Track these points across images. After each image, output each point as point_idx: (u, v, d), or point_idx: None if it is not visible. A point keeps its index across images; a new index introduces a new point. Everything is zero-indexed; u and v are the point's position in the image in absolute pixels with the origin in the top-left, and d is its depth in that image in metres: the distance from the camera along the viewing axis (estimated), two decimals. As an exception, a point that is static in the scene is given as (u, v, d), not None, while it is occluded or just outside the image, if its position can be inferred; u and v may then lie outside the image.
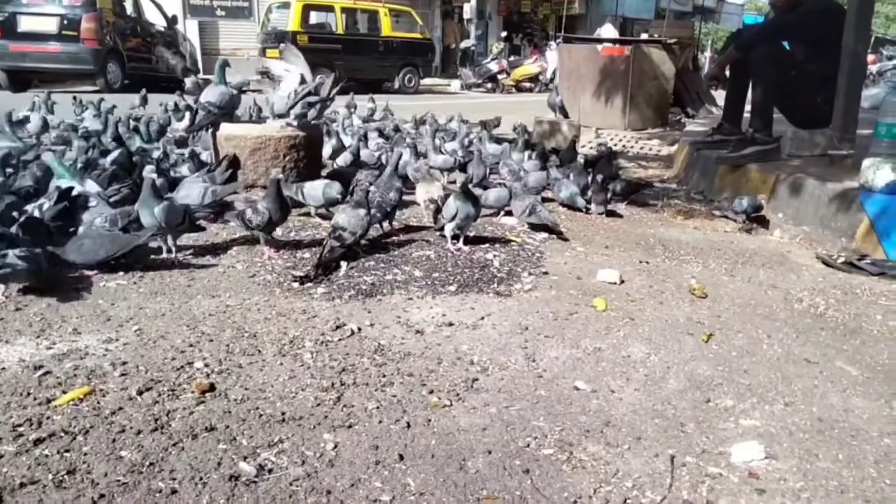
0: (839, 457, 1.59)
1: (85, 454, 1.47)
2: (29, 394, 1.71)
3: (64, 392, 1.72)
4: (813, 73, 4.45)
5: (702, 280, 2.81)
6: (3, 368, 1.84)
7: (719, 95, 6.52)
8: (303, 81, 3.76)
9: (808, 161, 4.32)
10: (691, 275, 2.88)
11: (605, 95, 8.26)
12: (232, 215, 2.99)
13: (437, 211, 3.44)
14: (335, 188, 3.25)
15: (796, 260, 3.21)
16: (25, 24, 10.98)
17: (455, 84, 18.45)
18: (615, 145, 7.22)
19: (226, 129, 3.75)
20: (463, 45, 20.26)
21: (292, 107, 3.62)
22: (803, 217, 3.69)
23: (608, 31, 6.48)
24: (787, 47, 4.76)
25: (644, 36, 10.44)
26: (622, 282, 2.72)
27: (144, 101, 7.22)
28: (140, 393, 1.74)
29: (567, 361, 2.01)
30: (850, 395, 1.89)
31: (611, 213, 3.98)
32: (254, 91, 7.57)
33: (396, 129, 5.97)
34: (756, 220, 3.89)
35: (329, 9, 14.94)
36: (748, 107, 5.00)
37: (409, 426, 1.63)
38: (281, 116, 3.72)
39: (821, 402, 1.85)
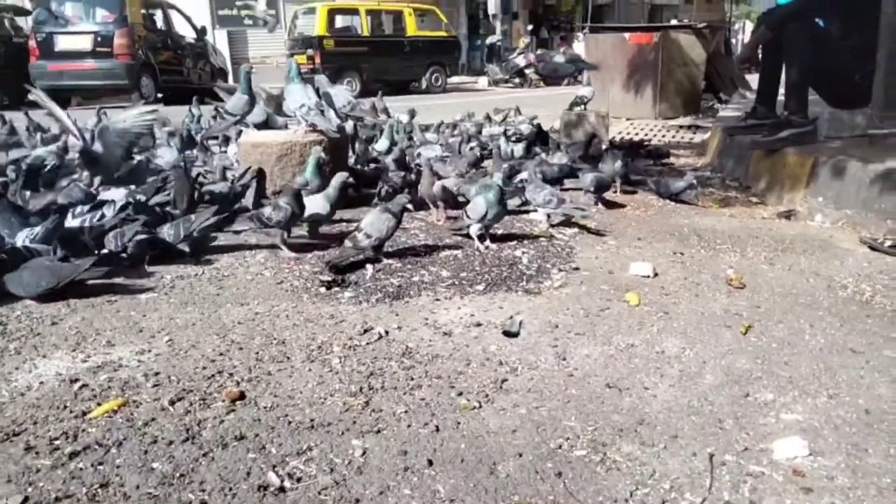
0: (890, 451, 1.51)
1: (118, 466, 1.48)
2: (65, 407, 1.74)
3: (99, 404, 1.74)
4: (850, 49, 4.30)
5: (739, 270, 2.72)
6: (42, 382, 1.87)
7: (753, 80, 6.37)
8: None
9: (848, 142, 4.16)
10: (728, 265, 2.80)
11: (635, 85, 8.14)
12: (244, 219, 2.97)
13: (453, 205, 3.40)
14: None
15: (839, 245, 3.10)
16: (62, 44, 11.32)
17: (482, 81, 18.39)
18: (646, 135, 7.11)
19: (252, 136, 3.79)
20: (489, 40, 20.17)
21: None
22: (845, 200, 3.56)
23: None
24: (822, 24, 4.60)
25: (673, 22, 10.26)
26: (656, 275, 2.66)
27: None
28: (172, 403, 1.74)
29: (599, 359, 1.96)
30: (899, 386, 1.80)
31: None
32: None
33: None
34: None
35: (354, 12, 15.05)
36: (783, 89, 4.86)
37: (438, 430, 1.61)
38: None
39: (868, 393, 1.76)
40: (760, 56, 4.97)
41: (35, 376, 1.91)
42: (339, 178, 3.09)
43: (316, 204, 3.02)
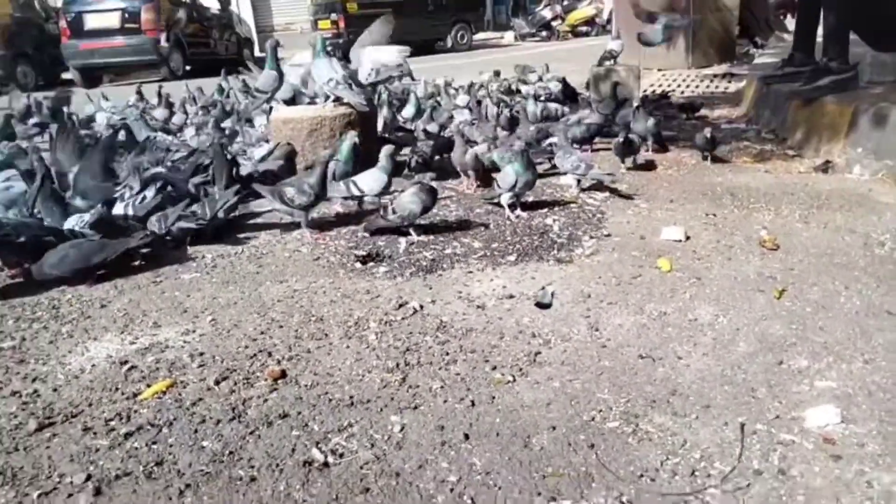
0: (925, 416, 1.51)
1: (170, 445, 1.57)
2: (117, 388, 1.83)
3: (148, 385, 1.83)
4: (893, -11, 4.10)
5: (773, 230, 2.69)
6: (94, 365, 1.97)
7: (790, 22, 6.14)
8: None
9: (892, 87, 4.01)
10: (762, 225, 2.76)
11: (667, 35, 7.89)
12: (266, 191, 2.99)
13: (482, 174, 3.41)
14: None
15: (878, 199, 3.02)
16: (91, 22, 11.45)
17: (508, 36, 18.04)
18: (678, 86, 6.94)
19: (282, 112, 3.82)
20: (515, -7, 19.71)
21: None
22: (886, 150, 3.46)
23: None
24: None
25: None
26: (688, 238, 2.64)
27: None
28: (217, 383, 1.82)
29: (631, 329, 1.98)
30: (937, 348, 1.78)
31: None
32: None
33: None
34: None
35: (376, -28, 14.78)
36: (821, 33, 4.68)
37: (473, 404, 1.66)
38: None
39: (905, 357, 1.75)
40: (796, 0, 4.78)
41: (87, 359, 2.01)
42: (388, 150, 3.13)
43: (373, 177, 3.08)
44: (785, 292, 2.14)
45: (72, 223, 2.79)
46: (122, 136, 4.41)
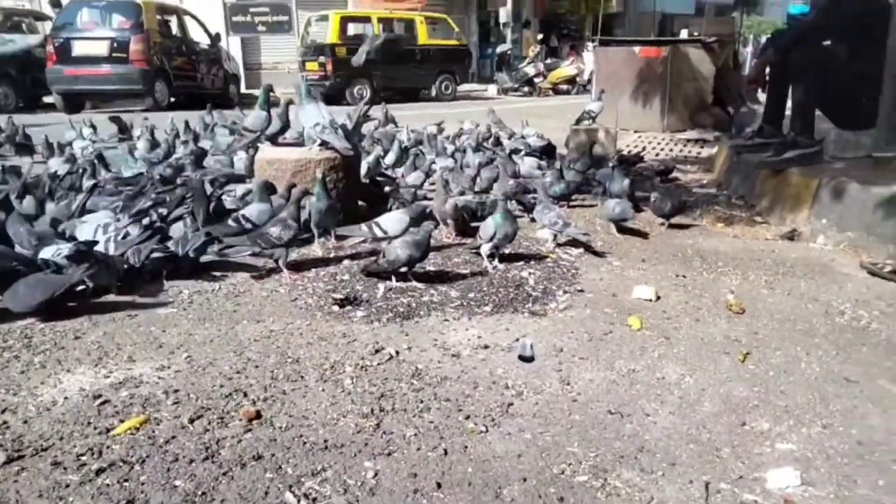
0: (879, 483, 1.58)
1: (142, 483, 1.56)
2: (89, 423, 1.82)
3: (121, 421, 1.82)
4: (857, 72, 4.35)
5: (740, 294, 2.79)
6: (66, 398, 1.96)
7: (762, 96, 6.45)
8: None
9: (853, 163, 4.21)
10: (729, 289, 2.86)
11: (643, 98, 8.22)
12: (247, 240, 3.01)
13: (462, 224, 3.49)
14: None
15: (839, 269, 3.15)
16: (78, 49, 11.50)
17: (492, 89, 18.49)
18: (653, 148, 7.18)
19: (267, 152, 3.88)
20: (499, 49, 20.28)
21: None
22: (847, 223, 3.61)
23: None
24: (828, 45, 4.66)
25: (684, 34, 10.34)
26: (658, 298, 2.73)
27: None
28: (191, 421, 1.83)
29: (601, 384, 2.03)
30: (892, 417, 1.86)
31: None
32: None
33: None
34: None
35: (366, 20, 15.17)
36: (789, 107, 4.92)
37: (446, 453, 1.68)
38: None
39: (861, 423, 1.83)
40: (768, 77, 5.03)
41: (60, 391, 2.00)
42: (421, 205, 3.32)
43: (395, 219, 3.20)
44: (749, 355, 2.22)
45: (48, 253, 2.78)
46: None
